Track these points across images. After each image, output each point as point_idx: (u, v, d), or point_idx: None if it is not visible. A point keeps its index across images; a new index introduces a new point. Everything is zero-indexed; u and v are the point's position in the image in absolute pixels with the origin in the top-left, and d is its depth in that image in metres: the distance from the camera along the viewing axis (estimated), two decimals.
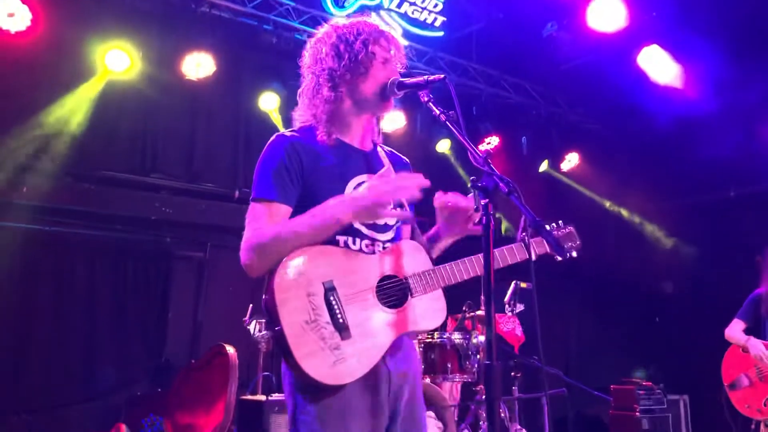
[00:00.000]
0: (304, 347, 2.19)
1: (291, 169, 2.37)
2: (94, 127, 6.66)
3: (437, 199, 2.64)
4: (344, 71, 2.46)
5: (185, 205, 7.44)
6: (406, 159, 2.77)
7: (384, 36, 2.54)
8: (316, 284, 2.26)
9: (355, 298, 2.31)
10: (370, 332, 2.30)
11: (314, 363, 2.19)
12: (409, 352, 2.51)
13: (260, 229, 2.31)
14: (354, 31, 2.51)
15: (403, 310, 2.39)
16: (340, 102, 2.48)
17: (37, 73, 6.41)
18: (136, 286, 7.24)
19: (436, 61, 8.46)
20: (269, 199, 2.35)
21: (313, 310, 2.23)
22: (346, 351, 2.23)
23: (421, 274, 2.44)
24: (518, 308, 6.30)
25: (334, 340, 2.23)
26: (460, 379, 5.31)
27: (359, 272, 2.35)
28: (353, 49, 2.47)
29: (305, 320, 2.21)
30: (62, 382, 6.63)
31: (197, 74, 6.85)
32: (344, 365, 2.22)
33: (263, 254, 2.27)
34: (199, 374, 5.47)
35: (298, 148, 2.40)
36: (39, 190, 6.36)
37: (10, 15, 5.89)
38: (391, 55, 2.54)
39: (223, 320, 7.06)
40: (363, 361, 2.26)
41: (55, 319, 6.69)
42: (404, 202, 2.48)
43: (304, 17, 7.44)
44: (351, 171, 2.47)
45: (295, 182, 2.37)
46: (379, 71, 2.49)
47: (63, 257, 6.88)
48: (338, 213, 2.29)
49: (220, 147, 7.79)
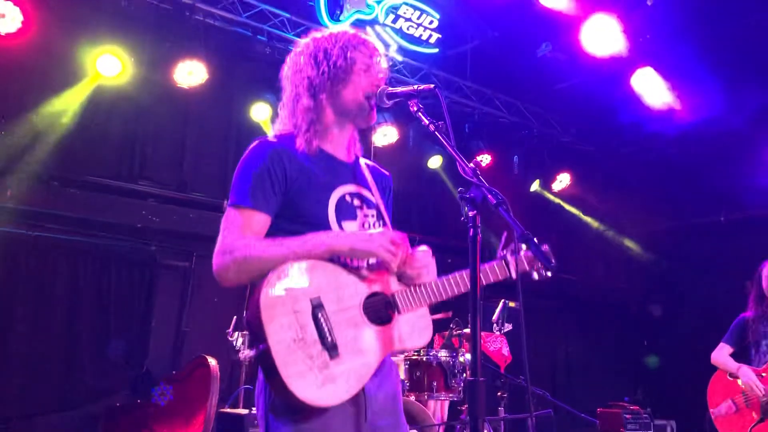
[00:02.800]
0: (291, 367, 2.09)
1: (274, 175, 2.30)
2: (82, 131, 6.59)
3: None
4: (323, 79, 2.41)
5: (172, 214, 7.35)
6: (386, 172, 2.71)
7: (364, 44, 2.49)
8: (303, 300, 2.17)
9: (342, 315, 2.23)
10: (358, 351, 2.22)
11: (302, 383, 2.09)
12: (389, 372, 2.43)
13: (240, 240, 2.22)
14: (333, 40, 2.48)
15: (390, 327, 2.32)
16: (321, 111, 2.43)
17: (27, 75, 6.35)
18: (119, 294, 7.13)
19: (430, 77, 8.45)
20: (248, 206, 2.27)
21: (300, 328, 2.14)
22: (334, 371, 2.15)
23: (407, 291, 2.38)
24: (506, 327, 6.24)
25: (322, 359, 2.14)
26: (446, 397, 5.24)
27: (347, 288, 2.27)
28: (331, 57, 2.42)
29: (293, 338, 2.12)
30: (39, 390, 6.48)
31: (189, 82, 6.81)
32: (332, 386, 2.13)
33: (242, 270, 2.20)
34: (179, 385, 5.37)
35: (282, 155, 2.33)
36: (24, 193, 6.27)
37: (0, 16, 5.84)
38: (373, 62, 2.48)
39: (206, 331, 6.97)
40: (351, 381, 2.18)
41: (34, 325, 6.56)
42: None
43: (298, 29, 7.42)
44: (335, 181, 2.41)
45: (276, 190, 2.30)
46: (360, 78, 2.44)
47: (45, 262, 6.75)
48: (334, 249, 2.26)
49: (210, 156, 7.73)
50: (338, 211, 2.37)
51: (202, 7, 6.86)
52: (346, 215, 2.39)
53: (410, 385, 5.24)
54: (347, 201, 2.41)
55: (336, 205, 2.37)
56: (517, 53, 8.63)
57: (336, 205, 2.37)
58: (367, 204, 2.47)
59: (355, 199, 2.44)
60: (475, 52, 8.91)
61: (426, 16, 8.19)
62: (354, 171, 2.51)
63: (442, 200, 9.24)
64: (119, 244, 7.17)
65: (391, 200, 2.69)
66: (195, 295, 7.42)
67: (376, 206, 2.50)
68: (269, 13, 7.28)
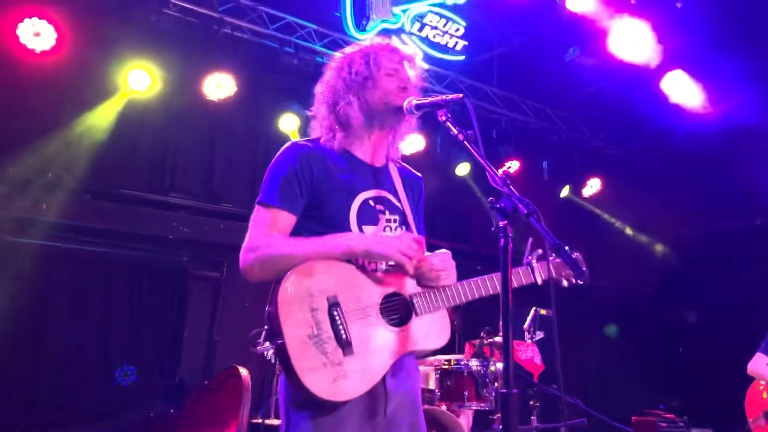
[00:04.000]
0: (305, 361, 2.17)
1: (301, 178, 2.39)
2: (114, 145, 6.70)
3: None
4: (349, 86, 2.49)
5: (203, 225, 7.43)
6: (418, 174, 2.76)
7: (392, 49, 2.57)
8: (320, 299, 2.24)
9: (358, 315, 2.29)
10: (372, 350, 2.28)
11: (315, 378, 2.16)
12: (410, 372, 2.47)
13: (266, 238, 2.32)
14: (359, 51, 2.57)
15: (406, 328, 2.36)
16: (347, 117, 2.49)
17: (61, 91, 6.49)
18: (152, 305, 7.22)
19: (456, 84, 8.45)
20: (275, 205, 2.37)
21: (316, 325, 2.21)
22: (348, 367, 2.21)
23: (426, 293, 2.42)
24: (538, 335, 6.18)
25: (336, 356, 2.20)
26: (477, 406, 5.19)
27: (364, 288, 2.33)
28: (356, 65, 2.50)
29: (308, 334, 2.19)
30: (75, 400, 6.59)
31: (218, 95, 6.90)
32: (345, 382, 2.19)
33: (266, 267, 2.29)
34: (212, 395, 5.41)
35: (310, 158, 2.42)
36: (58, 207, 6.38)
37: (35, 35, 5.99)
38: (401, 67, 2.53)
39: (237, 341, 7.01)
40: (365, 379, 2.23)
41: (69, 337, 6.67)
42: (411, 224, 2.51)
43: (325, 40, 7.48)
44: (359, 186, 2.48)
45: (303, 192, 2.39)
46: (386, 82, 2.49)
47: (79, 274, 6.88)
48: (352, 250, 2.31)
49: (239, 167, 7.80)
50: (360, 215, 2.43)
51: (230, 20, 6.94)
52: (368, 219, 2.45)
53: (441, 394, 5.20)
54: (370, 205, 2.47)
55: (358, 209, 2.44)
56: (544, 58, 8.59)
57: (358, 209, 2.44)
58: (390, 209, 2.52)
59: (378, 203, 2.50)
60: (501, 59, 8.89)
61: (452, 24, 8.18)
62: (381, 175, 2.55)
63: (470, 207, 9.20)
64: (151, 255, 7.27)
65: (422, 205, 2.72)
66: (226, 305, 7.49)
67: (401, 211, 2.54)
68: (296, 24, 7.35)
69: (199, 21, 6.89)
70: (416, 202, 2.66)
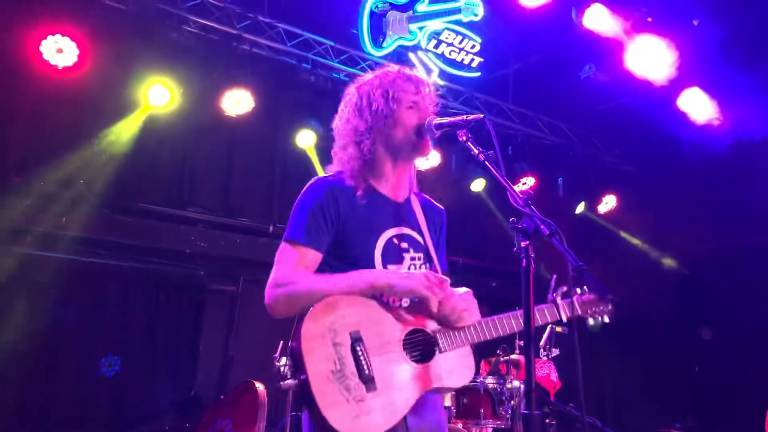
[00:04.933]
0: (328, 397, 2.16)
1: (327, 214, 2.39)
2: (134, 160, 6.76)
3: None
4: (368, 126, 2.49)
5: (220, 239, 7.47)
6: (440, 207, 2.76)
7: (409, 80, 2.55)
8: (343, 334, 2.24)
9: (381, 350, 2.28)
10: (395, 386, 2.26)
11: (338, 414, 2.15)
12: (433, 408, 2.45)
13: (291, 275, 2.32)
14: (375, 84, 2.54)
15: (429, 365, 2.35)
16: (371, 155, 2.49)
17: (82, 107, 6.59)
18: (169, 318, 7.26)
19: (472, 101, 8.48)
20: (302, 243, 2.38)
21: (338, 360, 2.21)
22: (370, 404, 2.20)
23: (449, 330, 2.40)
24: (554, 353, 6.15)
25: (359, 392, 2.20)
26: (493, 425, 5.18)
27: (387, 324, 2.32)
28: (373, 103, 2.50)
29: (331, 370, 2.19)
30: (91, 414, 6.61)
31: (236, 110, 6.96)
32: (367, 419, 2.18)
33: (291, 304, 2.30)
34: (228, 410, 5.42)
35: (336, 194, 2.43)
36: (77, 221, 6.45)
37: (58, 51, 6.09)
38: (420, 97, 2.53)
39: (253, 355, 7.02)
40: (387, 415, 2.22)
41: (85, 350, 6.72)
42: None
43: (342, 56, 7.55)
44: (383, 224, 2.48)
45: (329, 228, 2.39)
46: (407, 117, 2.50)
47: (97, 287, 6.94)
48: (376, 286, 2.32)
49: (257, 182, 7.85)
50: (385, 254, 2.44)
51: (248, 37, 7.03)
52: (393, 259, 2.45)
53: (457, 412, 5.19)
54: (395, 243, 2.48)
55: (383, 248, 2.44)
56: (560, 75, 8.61)
57: (383, 248, 2.44)
58: (414, 247, 2.52)
59: (402, 242, 2.50)
60: (517, 75, 8.91)
61: (468, 41, 8.22)
62: (405, 212, 2.56)
63: (485, 224, 9.19)
64: (168, 269, 7.32)
65: (444, 236, 2.72)
66: (242, 320, 7.51)
67: (424, 248, 2.55)
68: (313, 41, 7.42)
69: (218, 38, 6.99)
70: (438, 234, 2.67)
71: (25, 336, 6.03)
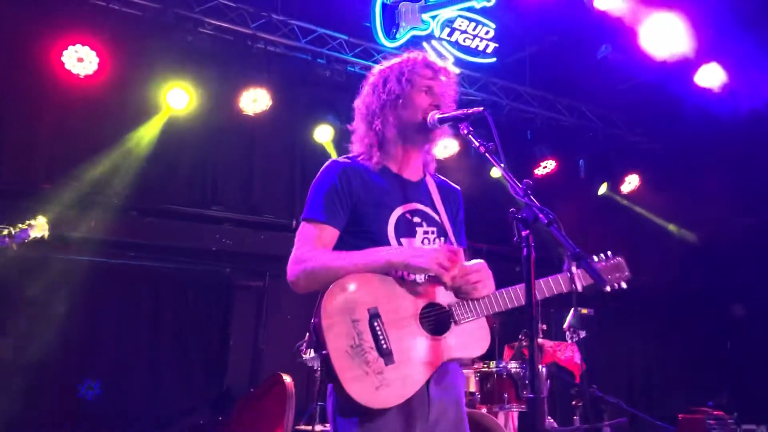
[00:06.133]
0: (348, 371, 2.26)
1: (342, 194, 2.49)
2: (156, 162, 6.92)
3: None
4: (382, 105, 2.58)
5: (244, 236, 7.61)
6: (456, 187, 2.82)
7: (428, 65, 2.62)
8: (361, 310, 2.34)
9: (399, 325, 2.37)
10: (413, 358, 2.35)
11: (358, 387, 2.26)
12: (454, 378, 2.54)
13: (311, 252, 2.43)
14: (393, 68, 2.63)
15: (445, 337, 2.43)
16: (383, 134, 2.58)
17: (104, 113, 6.74)
18: (198, 316, 7.43)
19: (488, 86, 8.47)
20: (319, 220, 2.48)
21: (357, 336, 2.30)
22: (389, 376, 2.29)
23: (464, 302, 2.48)
24: (580, 335, 6.16)
25: (378, 365, 2.29)
26: (517, 408, 5.23)
27: (403, 299, 2.41)
28: (390, 83, 2.58)
29: (350, 345, 2.29)
30: (126, 410, 6.82)
31: (254, 109, 7.06)
32: (388, 390, 2.28)
33: (311, 279, 2.40)
34: (257, 403, 5.56)
35: (350, 174, 2.52)
36: (105, 224, 6.63)
37: (79, 60, 6.26)
38: (436, 84, 2.59)
39: (281, 348, 7.15)
40: (406, 386, 2.32)
41: (119, 349, 6.93)
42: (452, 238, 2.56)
43: (356, 50, 7.60)
44: (395, 200, 2.56)
45: (345, 207, 2.49)
46: (419, 99, 2.56)
47: (127, 288, 7.14)
48: (392, 263, 2.39)
49: (278, 179, 7.97)
50: (398, 228, 2.52)
51: (262, 35, 7.11)
52: (406, 232, 2.53)
53: (481, 397, 5.26)
54: (407, 218, 2.55)
55: (395, 223, 2.52)
56: (577, 56, 8.53)
57: (395, 222, 2.52)
58: (427, 221, 2.59)
59: (415, 216, 2.57)
60: (533, 58, 8.86)
61: (482, 27, 8.20)
62: (418, 189, 2.63)
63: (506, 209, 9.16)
64: (196, 268, 7.48)
65: (462, 215, 2.77)
66: (270, 314, 7.65)
67: (438, 223, 2.60)
68: (327, 36, 7.48)
69: (233, 38, 7.09)
70: (455, 214, 2.72)
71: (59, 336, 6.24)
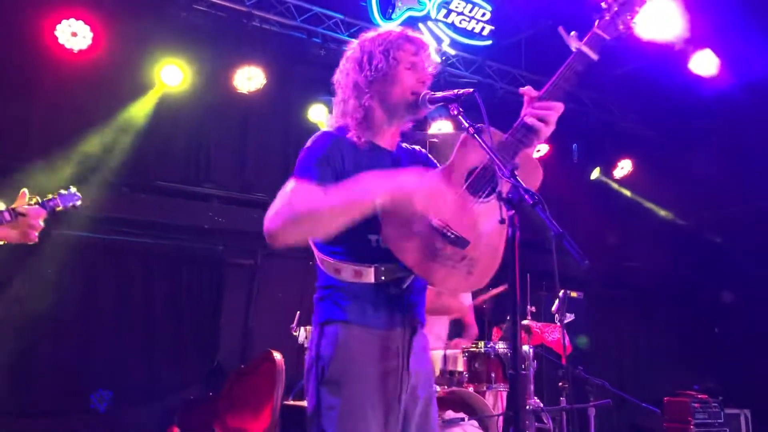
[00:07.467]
0: (436, 273, 2.36)
1: (332, 161, 2.45)
2: (150, 139, 6.91)
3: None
4: (368, 81, 2.56)
5: (237, 214, 7.63)
6: (419, 148, 2.82)
7: (410, 41, 2.61)
8: (421, 221, 2.39)
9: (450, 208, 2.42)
10: (478, 228, 2.43)
11: (453, 282, 2.39)
12: (424, 352, 2.58)
13: (296, 198, 2.30)
14: (377, 42, 2.60)
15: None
16: (369, 110, 2.57)
17: (98, 88, 6.72)
18: (190, 293, 7.47)
19: (484, 69, 8.46)
20: (310, 179, 2.37)
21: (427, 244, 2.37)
22: (473, 255, 2.39)
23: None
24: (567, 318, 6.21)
25: (457, 255, 2.37)
26: (504, 388, 5.30)
27: (444, 195, 2.45)
28: (374, 59, 2.56)
29: (426, 255, 2.35)
30: (123, 385, 6.87)
31: (248, 87, 7.05)
32: (479, 266, 2.40)
33: (294, 224, 2.26)
34: (248, 379, 5.62)
35: (340, 144, 2.50)
36: (98, 200, 6.63)
37: (73, 35, 6.25)
38: (420, 59, 2.60)
39: (272, 326, 7.21)
40: (491, 252, 2.42)
41: (114, 325, 6.96)
42: None
43: (352, 30, 7.57)
44: (379, 169, 2.55)
45: (335, 175, 2.43)
46: (405, 76, 2.56)
47: (121, 265, 7.15)
48: (376, 193, 2.29)
49: (271, 157, 7.97)
50: None
51: (258, 13, 7.08)
52: None
53: (469, 376, 5.32)
54: None
55: None
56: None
57: None
58: None
59: None
60: (528, 42, 8.85)
61: (478, 9, 8.19)
62: (395, 158, 2.66)
63: None
64: (188, 245, 7.50)
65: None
66: (261, 292, 7.69)
67: None
68: (323, 15, 7.45)
69: (227, 15, 7.04)
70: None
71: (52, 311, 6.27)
